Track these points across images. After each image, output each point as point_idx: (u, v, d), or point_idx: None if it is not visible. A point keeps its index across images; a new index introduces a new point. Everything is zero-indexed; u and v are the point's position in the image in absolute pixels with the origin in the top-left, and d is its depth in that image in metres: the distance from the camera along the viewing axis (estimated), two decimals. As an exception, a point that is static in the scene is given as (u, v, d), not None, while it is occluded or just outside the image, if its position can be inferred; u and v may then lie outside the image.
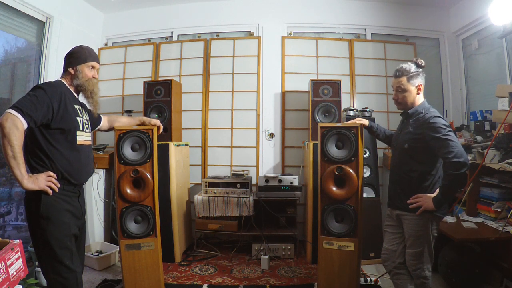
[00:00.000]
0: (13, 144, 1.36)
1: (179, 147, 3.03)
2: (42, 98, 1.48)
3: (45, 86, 1.54)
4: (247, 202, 2.96)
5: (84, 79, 1.66)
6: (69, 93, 1.65)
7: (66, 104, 1.57)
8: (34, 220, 1.49)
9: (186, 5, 3.71)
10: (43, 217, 1.48)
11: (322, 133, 2.01)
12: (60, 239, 1.50)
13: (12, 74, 2.91)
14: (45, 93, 1.50)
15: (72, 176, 1.57)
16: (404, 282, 1.82)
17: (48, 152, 1.51)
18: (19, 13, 2.80)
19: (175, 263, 2.83)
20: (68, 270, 1.51)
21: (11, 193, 2.78)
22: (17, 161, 1.38)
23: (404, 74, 1.72)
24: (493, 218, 2.30)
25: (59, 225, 1.51)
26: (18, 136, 1.38)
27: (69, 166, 1.56)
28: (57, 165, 1.52)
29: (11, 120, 1.37)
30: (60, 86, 1.61)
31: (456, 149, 1.54)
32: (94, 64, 1.71)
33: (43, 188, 1.44)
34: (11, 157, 1.37)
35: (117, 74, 3.73)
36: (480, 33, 3.28)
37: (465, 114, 3.51)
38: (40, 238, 1.49)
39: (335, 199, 1.99)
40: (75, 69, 1.66)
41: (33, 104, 1.44)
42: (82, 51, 1.69)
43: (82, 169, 1.64)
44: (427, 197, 1.65)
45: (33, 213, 1.49)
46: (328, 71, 3.52)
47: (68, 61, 1.68)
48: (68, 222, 1.54)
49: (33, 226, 1.50)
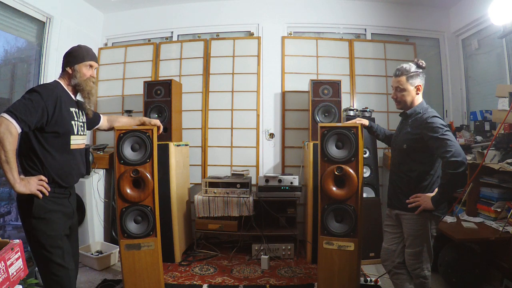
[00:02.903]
0: (6, 149, 1.38)
1: (179, 147, 3.03)
2: (38, 102, 1.48)
3: (40, 89, 1.53)
4: (247, 202, 2.96)
5: (82, 78, 1.66)
6: (66, 95, 1.64)
7: (62, 108, 1.57)
8: (27, 220, 1.52)
9: (186, 5, 3.71)
10: (35, 217, 1.51)
11: (322, 133, 2.02)
12: (52, 238, 1.53)
13: (12, 74, 2.91)
14: (41, 97, 1.50)
15: (63, 179, 1.59)
16: (403, 281, 1.82)
17: (41, 155, 1.52)
18: (19, 13, 2.80)
19: (175, 263, 2.83)
20: (60, 268, 1.54)
21: (11, 193, 2.78)
22: (10, 166, 1.40)
23: (404, 74, 1.73)
24: (493, 218, 2.30)
25: (50, 225, 1.53)
26: (11, 141, 1.39)
27: (60, 170, 1.58)
28: (49, 169, 1.54)
29: (5, 125, 1.39)
30: (56, 89, 1.60)
31: (454, 148, 1.54)
32: (92, 63, 1.70)
33: (34, 192, 1.47)
34: (4, 162, 1.39)
35: (117, 74, 3.73)
36: (480, 33, 3.28)
37: (465, 114, 3.51)
38: (33, 238, 1.52)
39: (335, 199, 1.99)
40: (73, 69, 1.65)
41: (28, 109, 1.45)
42: (80, 50, 1.68)
43: (73, 172, 1.66)
44: (426, 197, 1.65)
45: (26, 213, 1.52)
46: (328, 71, 3.52)
47: (66, 61, 1.67)
48: (59, 222, 1.57)
49: (26, 227, 1.53)
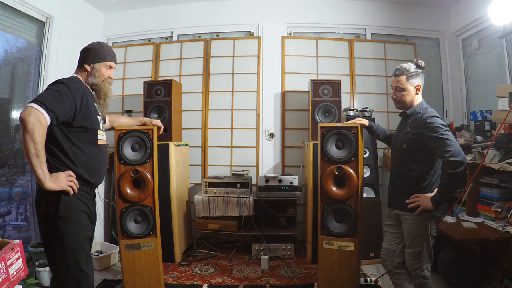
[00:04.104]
0: (36, 141, 1.28)
1: (179, 147, 3.03)
2: (66, 94, 1.40)
3: (67, 81, 1.46)
4: (247, 202, 2.96)
5: (100, 78, 1.59)
6: (88, 90, 1.57)
7: (88, 102, 1.49)
8: (49, 221, 1.40)
9: (186, 5, 3.71)
10: (60, 217, 1.39)
11: (322, 133, 2.02)
12: (78, 241, 1.43)
13: (12, 74, 2.91)
14: (68, 89, 1.42)
15: (92, 176, 1.51)
16: (403, 281, 1.83)
17: (68, 150, 1.43)
18: (19, 13, 2.80)
19: (175, 263, 2.83)
20: (83, 274, 1.45)
21: (11, 193, 2.78)
22: (39, 159, 1.30)
23: (404, 73, 1.73)
24: (493, 218, 2.30)
25: (77, 226, 1.43)
26: (42, 133, 1.30)
27: (90, 166, 1.50)
28: (78, 165, 1.45)
29: (35, 115, 1.28)
30: (81, 83, 1.54)
31: (453, 148, 1.54)
32: (111, 64, 1.64)
33: (64, 188, 1.37)
34: (34, 155, 1.28)
35: (117, 74, 3.72)
36: (480, 33, 3.28)
37: (465, 114, 3.51)
38: (55, 240, 1.40)
39: (335, 199, 1.99)
40: (92, 67, 1.58)
41: (56, 100, 1.36)
42: (101, 48, 1.61)
43: (102, 169, 1.59)
44: (426, 197, 1.65)
45: (49, 213, 1.40)
46: (328, 71, 3.52)
47: (85, 57, 1.59)
48: (85, 224, 1.48)
49: (48, 228, 1.41)
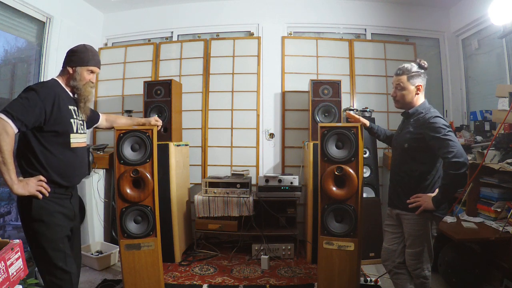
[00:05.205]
0: (2, 149, 1.36)
1: (179, 147, 3.03)
2: (34, 101, 1.45)
3: (37, 87, 1.50)
4: (247, 202, 2.96)
5: (81, 82, 1.62)
6: (64, 93, 1.60)
7: (60, 106, 1.53)
8: (27, 223, 1.49)
9: (186, 5, 3.71)
10: (35, 219, 1.48)
11: (322, 133, 2.02)
12: (53, 241, 1.50)
13: (12, 74, 2.91)
14: (37, 95, 1.46)
15: (65, 179, 1.56)
16: (403, 281, 1.82)
17: (40, 155, 1.49)
18: (19, 13, 2.80)
19: (175, 263, 2.83)
20: (62, 272, 1.51)
21: (11, 193, 2.78)
22: (7, 167, 1.37)
23: (405, 73, 1.73)
24: (493, 218, 2.30)
25: (51, 227, 1.50)
26: (8, 142, 1.37)
27: (62, 169, 1.54)
28: (48, 168, 1.50)
29: (1, 125, 1.36)
30: (54, 87, 1.57)
31: (456, 149, 1.54)
32: (94, 69, 1.66)
33: (33, 193, 1.44)
34: (1, 163, 1.36)
35: (117, 74, 3.73)
36: (480, 33, 3.28)
37: (465, 114, 3.51)
38: (33, 241, 1.49)
39: (335, 199, 1.99)
40: (74, 70, 1.61)
41: (24, 108, 1.42)
42: (86, 52, 1.64)
43: (76, 171, 1.63)
44: (427, 197, 1.65)
45: (26, 215, 1.49)
46: (328, 71, 3.52)
47: (69, 59, 1.62)
48: (60, 224, 1.54)
49: (26, 229, 1.50)
